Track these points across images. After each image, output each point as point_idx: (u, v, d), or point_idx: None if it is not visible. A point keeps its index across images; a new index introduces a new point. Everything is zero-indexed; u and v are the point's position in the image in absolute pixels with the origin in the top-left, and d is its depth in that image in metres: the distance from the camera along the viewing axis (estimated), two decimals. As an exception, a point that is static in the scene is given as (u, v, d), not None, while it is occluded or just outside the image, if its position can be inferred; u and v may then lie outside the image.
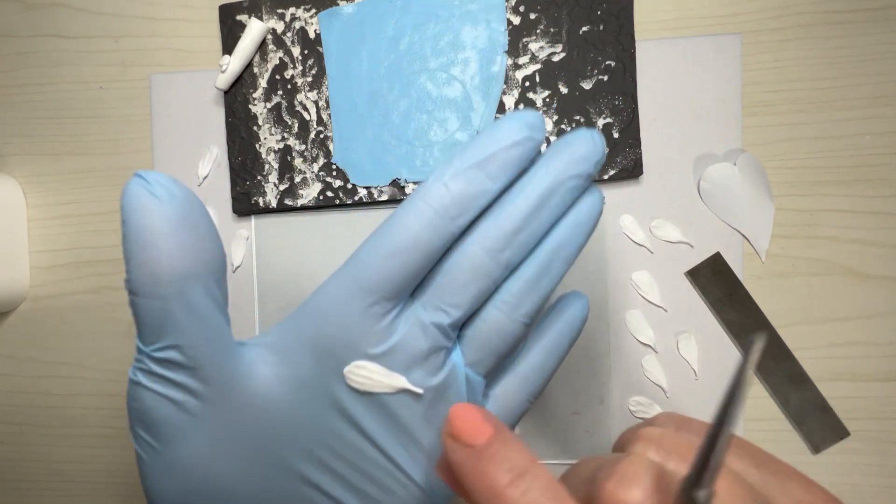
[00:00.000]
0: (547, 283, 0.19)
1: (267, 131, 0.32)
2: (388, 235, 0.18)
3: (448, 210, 0.18)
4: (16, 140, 0.34)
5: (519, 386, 0.21)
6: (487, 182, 0.18)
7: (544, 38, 0.30)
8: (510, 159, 0.18)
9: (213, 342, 0.18)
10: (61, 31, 0.34)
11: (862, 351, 0.29)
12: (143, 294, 0.18)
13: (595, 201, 0.20)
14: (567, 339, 0.22)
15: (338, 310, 0.18)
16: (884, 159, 0.28)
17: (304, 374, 0.19)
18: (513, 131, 0.18)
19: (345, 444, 0.19)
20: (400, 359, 0.18)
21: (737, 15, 0.29)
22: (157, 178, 0.18)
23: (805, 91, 0.29)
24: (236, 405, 0.18)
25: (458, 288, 0.19)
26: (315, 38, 0.31)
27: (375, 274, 0.18)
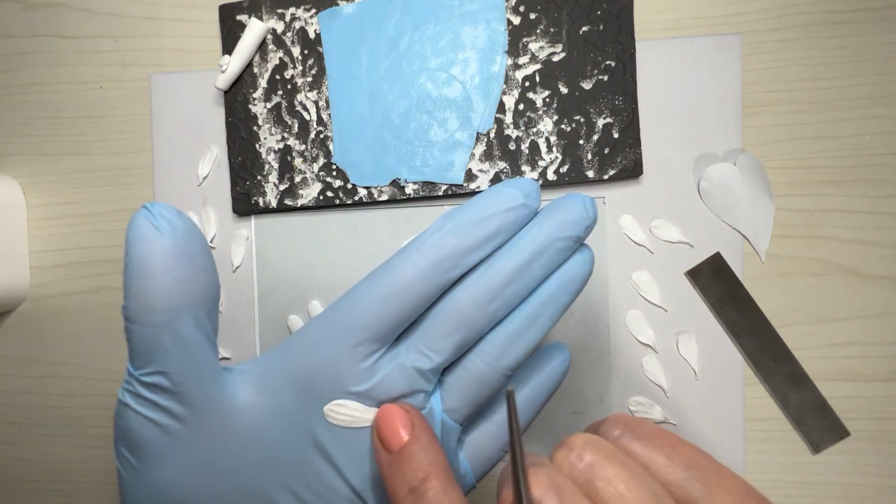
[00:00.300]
0: (531, 338, 0.20)
1: (267, 131, 0.32)
2: (382, 280, 0.19)
3: (442, 262, 0.19)
4: (16, 140, 0.34)
5: (494, 434, 0.21)
6: (482, 240, 0.19)
7: (544, 38, 0.30)
8: (505, 222, 0.20)
9: (198, 370, 0.19)
10: (61, 31, 0.34)
11: (862, 351, 0.29)
12: (136, 321, 0.18)
13: (585, 261, 0.21)
14: (546, 392, 0.22)
15: (325, 347, 0.19)
16: (884, 159, 0.28)
17: (285, 406, 0.19)
18: (510, 197, 0.20)
19: (316, 477, 0.19)
20: (379, 398, 0.19)
21: (737, 15, 0.29)
22: (161, 210, 0.19)
23: (805, 91, 0.29)
24: (217, 430, 0.19)
25: (443, 335, 0.19)
26: (315, 38, 0.31)
27: (365, 316, 0.19)
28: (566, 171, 0.29)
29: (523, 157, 0.30)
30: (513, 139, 0.30)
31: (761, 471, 0.29)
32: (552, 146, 0.29)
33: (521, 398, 0.22)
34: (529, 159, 0.30)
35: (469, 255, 0.19)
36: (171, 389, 0.19)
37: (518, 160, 0.30)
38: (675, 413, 0.29)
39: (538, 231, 0.20)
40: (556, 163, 0.29)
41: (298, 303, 0.32)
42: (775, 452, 0.29)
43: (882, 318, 0.29)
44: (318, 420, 0.19)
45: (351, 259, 0.31)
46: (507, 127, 0.30)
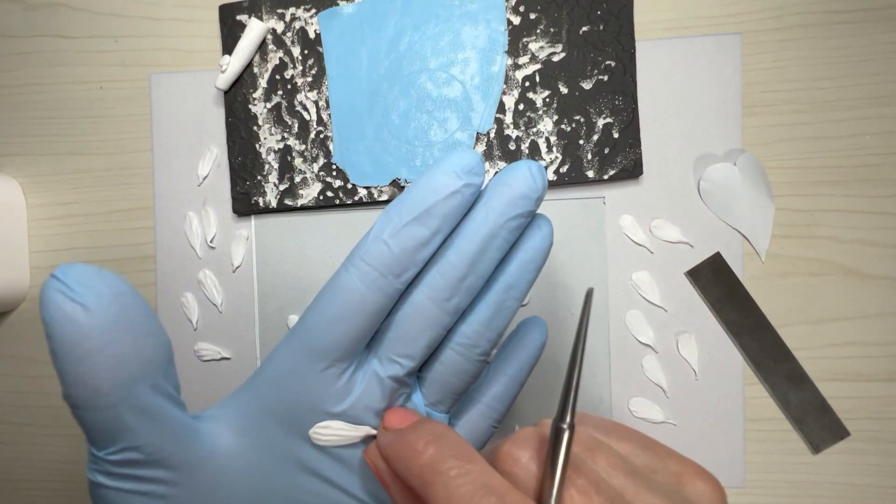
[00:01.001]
0: (501, 322, 0.20)
1: (267, 131, 0.32)
2: (335, 300, 0.18)
3: (392, 268, 0.18)
4: (16, 140, 0.34)
5: (484, 414, 0.21)
6: (429, 235, 0.18)
7: (544, 38, 0.30)
8: (449, 209, 0.18)
9: (170, 433, 0.18)
10: (61, 31, 0.34)
11: (862, 351, 0.29)
12: (85, 407, 0.17)
13: (543, 237, 0.20)
14: (528, 366, 0.22)
15: (293, 378, 0.19)
16: (884, 159, 0.28)
17: (269, 442, 0.19)
18: (449, 180, 0.18)
19: (319, 499, 0.19)
20: (361, 412, 0.19)
21: (737, 15, 0.29)
22: (76, 277, 0.16)
23: (805, 91, 0.29)
24: (207, 484, 0.18)
25: (410, 340, 0.19)
26: (315, 38, 0.31)
27: (326, 340, 0.18)
28: (566, 171, 0.29)
29: (523, 157, 0.30)
30: (513, 139, 0.30)
31: (761, 471, 0.29)
32: (552, 146, 0.29)
33: (505, 376, 0.22)
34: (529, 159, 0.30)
35: (418, 253, 0.18)
36: (146, 460, 0.18)
37: (518, 160, 0.30)
38: (675, 413, 0.29)
39: (486, 214, 0.19)
40: (556, 163, 0.29)
41: (298, 303, 0.32)
42: (775, 452, 0.29)
43: (882, 318, 0.29)
44: (304, 447, 0.19)
45: (351, 259, 0.31)
46: (507, 127, 0.30)
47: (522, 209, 0.19)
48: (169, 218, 0.33)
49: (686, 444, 0.29)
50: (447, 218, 0.18)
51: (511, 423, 0.30)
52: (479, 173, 0.18)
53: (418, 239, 0.18)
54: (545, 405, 0.30)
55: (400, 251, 0.18)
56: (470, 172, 0.18)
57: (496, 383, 0.21)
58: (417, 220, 0.18)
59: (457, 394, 0.20)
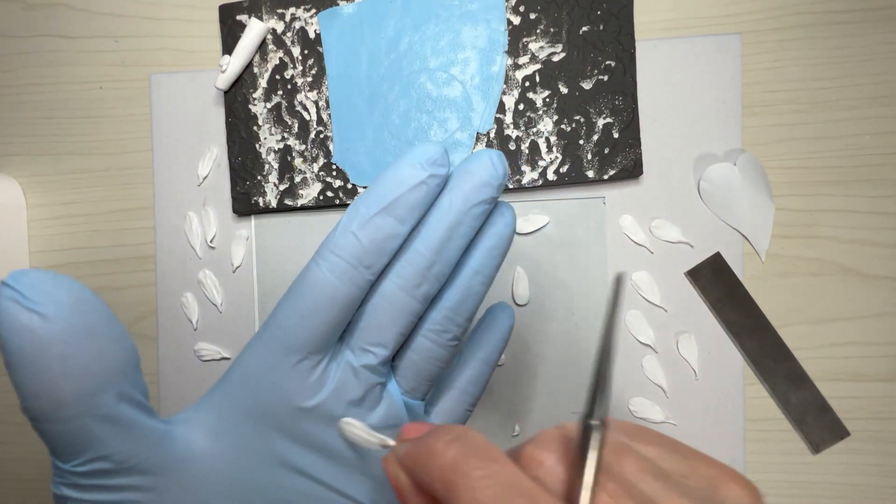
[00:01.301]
0: (469, 308, 0.20)
1: (267, 131, 0.32)
2: (306, 293, 0.18)
3: (361, 260, 0.18)
4: (16, 140, 0.34)
5: (458, 399, 0.22)
6: (396, 225, 0.18)
7: (544, 38, 0.30)
8: (416, 200, 0.18)
9: (141, 439, 0.17)
10: (61, 31, 0.34)
11: (862, 351, 0.29)
12: (47, 420, 0.16)
13: (507, 221, 0.20)
14: (497, 349, 0.23)
15: (266, 375, 0.19)
16: (884, 159, 0.28)
17: (245, 441, 0.19)
18: (415, 172, 0.18)
19: (300, 495, 0.19)
20: (337, 404, 0.19)
21: (737, 15, 0.29)
22: (31, 283, 0.15)
23: (805, 91, 0.29)
24: (184, 488, 0.18)
25: (382, 329, 0.19)
26: (315, 38, 0.31)
27: (298, 334, 0.18)
28: (566, 171, 0.29)
29: (523, 157, 0.30)
30: (513, 139, 0.30)
31: (761, 471, 0.29)
32: (552, 146, 0.29)
33: (477, 361, 0.22)
34: (529, 159, 0.30)
35: (387, 243, 0.18)
36: (117, 469, 0.17)
37: (518, 160, 0.30)
38: (675, 413, 0.29)
39: (450, 202, 0.19)
40: (556, 163, 0.29)
41: (298, 303, 0.32)
42: (775, 452, 0.29)
43: (882, 318, 0.29)
44: (281, 443, 0.19)
45: (351, 259, 0.31)
46: (507, 127, 0.30)
47: (485, 196, 0.19)
48: (169, 218, 0.33)
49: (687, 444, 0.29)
50: (413, 209, 0.19)
51: (510, 422, 0.30)
52: (443, 164, 0.19)
53: (386, 230, 0.18)
54: (547, 404, 0.30)
55: (369, 242, 0.18)
56: (435, 164, 0.19)
57: (468, 368, 0.22)
58: (385, 211, 0.18)
59: (431, 380, 0.21)
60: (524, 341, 0.30)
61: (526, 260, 0.30)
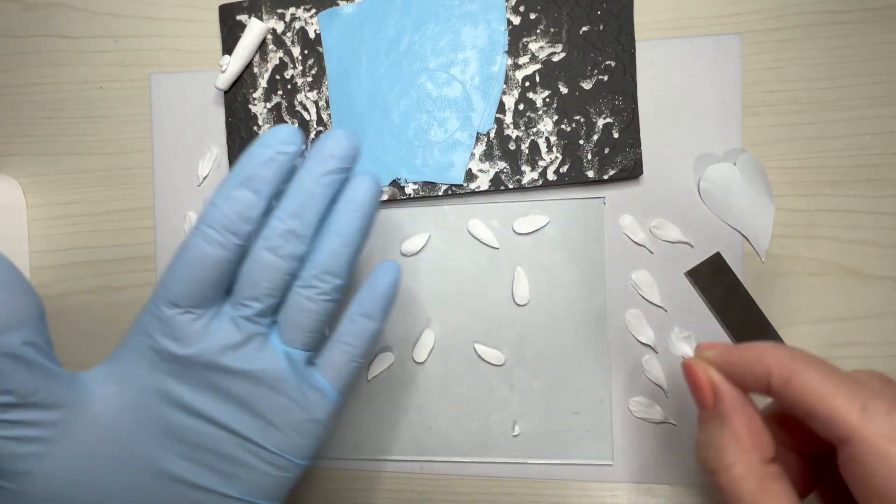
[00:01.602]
0: (336, 266, 0.23)
1: (267, 131, 0.32)
2: (182, 258, 0.22)
3: (226, 227, 0.21)
4: (16, 140, 0.34)
5: (341, 350, 0.24)
6: (253, 197, 0.22)
7: (544, 38, 0.30)
8: (268, 174, 0.22)
9: (45, 377, 0.21)
10: (61, 31, 0.34)
11: (862, 351, 0.29)
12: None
13: (364, 188, 0.23)
14: (380, 305, 0.24)
15: (157, 326, 0.22)
16: (884, 159, 0.28)
17: (141, 383, 0.22)
18: (264, 151, 0.22)
19: (195, 434, 0.22)
20: (218, 349, 0.22)
21: (737, 15, 0.29)
22: None
23: (805, 91, 0.29)
24: (86, 427, 0.21)
25: (252, 285, 0.22)
26: (315, 38, 0.31)
27: (178, 290, 0.22)
28: (566, 171, 0.29)
29: (523, 156, 0.30)
30: (513, 139, 0.30)
31: (761, 471, 0.29)
32: (552, 146, 0.29)
33: (358, 314, 0.24)
34: (529, 159, 0.30)
35: (249, 211, 0.22)
36: (20, 403, 0.20)
37: (518, 160, 0.30)
38: (675, 413, 0.29)
39: (302, 173, 0.22)
40: (556, 163, 0.29)
41: (298, 303, 0.32)
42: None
43: (882, 318, 0.29)
44: (176, 385, 0.22)
45: (351, 259, 0.31)
46: (507, 127, 0.30)
47: (333, 165, 0.22)
48: (169, 218, 0.33)
49: (686, 444, 0.29)
50: (267, 181, 0.22)
51: (510, 422, 0.30)
52: (291, 142, 0.22)
53: (244, 201, 0.22)
54: (547, 404, 0.30)
55: (230, 211, 0.21)
56: (283, 142, 0.22)
57: (350, 322, 0.24)
58: (241, 184, 0.22)
59: (308, 331, 0.23)
60: (524, 341, 0.30)
61: (526, 260, 0.30)
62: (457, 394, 0.31)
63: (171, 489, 0.22)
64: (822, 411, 0.17)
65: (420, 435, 0.31)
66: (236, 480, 0.23)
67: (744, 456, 0.19)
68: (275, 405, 0.23)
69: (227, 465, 0.22)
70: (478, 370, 0.30)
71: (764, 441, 0.19)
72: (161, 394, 0.22)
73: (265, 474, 0.23)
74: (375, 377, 0.31)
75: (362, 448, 0.31)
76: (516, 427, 0.30)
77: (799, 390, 0.18)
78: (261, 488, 0.23)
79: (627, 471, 0.29)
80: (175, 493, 0.22)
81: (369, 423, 0.31)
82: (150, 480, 0.22)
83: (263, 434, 0.23)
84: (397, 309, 0.31)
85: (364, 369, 0.31)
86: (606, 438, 0.29)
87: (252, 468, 0.23)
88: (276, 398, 0.23)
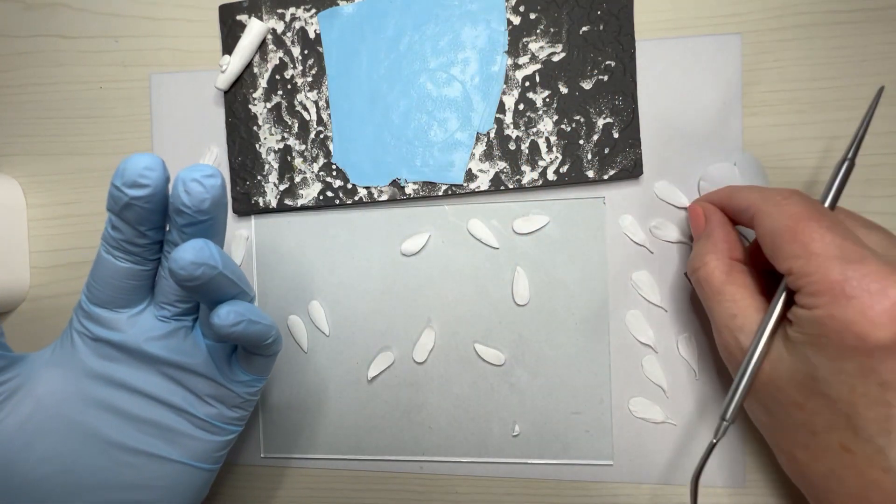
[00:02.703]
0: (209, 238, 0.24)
1: (267, 131, 0.32)
2: (97, 266, 0.24)
3: (118, 245, 0.23)
4: (16, 140, 0.34)
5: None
6: (132, 231, 0.23)
7: (544, 38, 0.30)
8: (132, 216, 0.23)
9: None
10: (61, 31, 0.34)
11: (862, 351, 0.29)
12: None
13: (186, 198, 0.23)
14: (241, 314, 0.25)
15: (86, 316, 0.25)
16: (884, 159, 0.28)
17: (80, 364, 0.25)
18: (120, 196, 0.22)
19: (133, 406, 0.25)
20: (145, 339, 0.24)
21: (737, 15, 0.29)
22: None
23: (805, 91, 0.29)
24: (28, 402, 0.24)
25: (165, 292, 0.25)
26: (315, 38, 0.31)
27: (99, 295, 0.24)
28: (566, 171, 0.29)
29: (523, 157, 0.30)
30: (513, 139, 0.30)
31: (761, 471, 0.29)
32: (552, 146, 0.29)
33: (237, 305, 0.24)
34: (529, 159, 0.30)
35: (136, 240, 0.23)
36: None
37: (518, 160, 0.30)
38: (675, 413, 0.29)
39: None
40: (556, 163, 0.29)
41: (298, 303, 0.32)
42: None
43: (882, 318, 0.28)
44: (110, 365, 0.25)
45: (351, 259, 0.31)
46: (507, 127, 0.30)
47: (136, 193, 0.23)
48: (169, 218, 0.33)
49: (686, 444, 0.29)
50: (136, 221, 0.23)
51: (510, 422, 0.30)
52: (142, 185, 0.22)
53: (127, 232, 0.23)
54: (547, 404, 0.30)
55: (116, 233, 0.23)
56: (133, 186, 0.22)
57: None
58: (118, 219, 0.23)
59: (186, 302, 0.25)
60: (524, 341, 0.30)
61: (526, 260, 0.30)
62: (457, 394, 0.31)
63: (115, 455, 0.24)
64: (741, 203, 0.24)
65: (420, 435, 0.31)
66: (175, 445, 0.25)
67: (718, 254, 0.25)
68: (201, 384, 0.25)
69: (165, 433, 0.25)
70: (478, 370, 0.30)
71: (734, 245, 0.25)
72: (98, 373, 0.24)
73: (200, 440, 0.26)
74: (375, 377, 0.31)
75: (362, 448, 0.31)
76: (516, 427, 0.30)
77: (738, 199, 0.25)
78: (198, 452, 0.26)
79: (627, 471, 0.29)
80: (118, 458, 0.24)
81: (369, 423, 0.31)
82: (93, 448, 0.24)
83: (195, 405, 0.25)
84: (397, 309, 0.31)
85: (364, 368, 0.31)
86: (606, 438, 0.29)
87: (188, 435, 0.25)
88: (200, 380, 0.25)
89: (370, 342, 0.31)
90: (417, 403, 0.31)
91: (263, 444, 0.32)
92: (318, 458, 0.32)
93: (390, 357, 0.31)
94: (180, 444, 0.25)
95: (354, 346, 0.31)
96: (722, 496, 0.29)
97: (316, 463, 0.32)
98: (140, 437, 0.25)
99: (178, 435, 0.25)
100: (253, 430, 0.32)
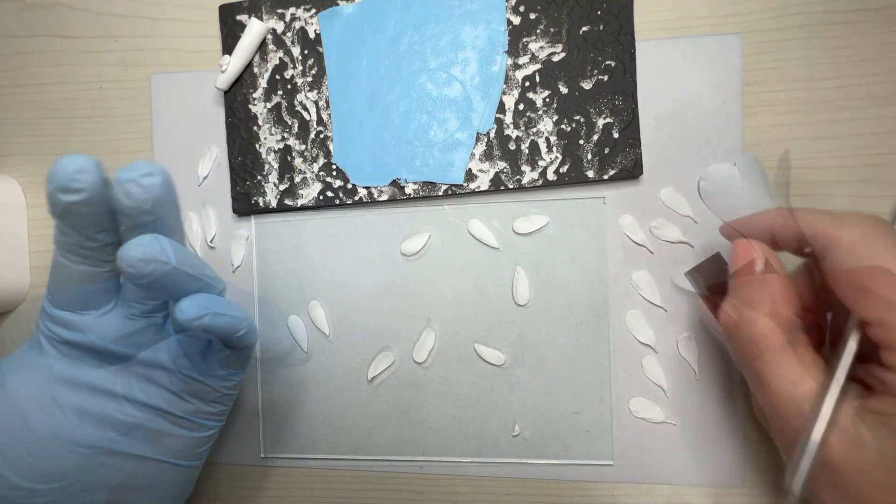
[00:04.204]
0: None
1: (267, 131, 0.32)
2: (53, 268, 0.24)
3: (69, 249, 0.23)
4: (16, 140, 0.34)
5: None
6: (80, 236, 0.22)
7: (544, 38, 0.30)
8: (74, 221, 0.22)
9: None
10: (62, 31, 0.34)
11: (862, 351, 0.29)
12: None
13: (131, 196, 0.22)
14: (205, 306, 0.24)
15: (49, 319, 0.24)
16: (884, 159, 0.28)
17: (48, 367, 0.24)
18: (55, 202, 0.21)
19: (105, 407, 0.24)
20: (111, 339, 0.24)
21: (737, 15, 0.29)
22: None
23: (805, 91, 0.29)
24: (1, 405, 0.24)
25: (133, 292, 0.24)
26: (315, 38, 0.31)
27: (60, 298, 0.24)
28: (566, 171, 0.29)
29: (523, 157, 0.30)
30: (513, 139, 0.30)
31: (761, 471, 0.29)
32: (552, 146, 0.29)
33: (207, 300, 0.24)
34: (529, 159, 0.30)
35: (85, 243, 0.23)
36: None
37: (518, 160, 0.30)
38: (675, 413, 0.29)
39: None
40: (556, 163, 0.29)
41: (298, 303, 0.32)
42: (776, 453, 0.29)
43: (882, 318, 0.28)
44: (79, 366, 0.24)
45: (351, 259, 0.31)
46: (507, 127, 0.30)
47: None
48: (169, 218, 0.33)
49: (686, 444, 0.29)
50: (79, 226, 0.22)
51: (510, 422, 0.30)
52: (74, 189, 0.21)
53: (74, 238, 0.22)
54: (547, 404, 0.30)
55: (65, 237, 0.22)
56: (65, 191, 0.21)
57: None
58: (61, 223, 0.22)
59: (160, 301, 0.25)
60: (524, 341, 0.30)
61: (526, 260, 0.30)
62: (457, 394, 0.31)
63: (93, 458, 0.24)
64: (807, 229, 0.21)
65: (420, 435, 0.31)
66: (154, 444, 0.25)
67: (776, 311, 0.21)
68: (175, 381, 0.25)
69: (143, 433, 0.25)
70: (478, 370, 0.30)
71: (792, 299, 0.22)
72: (67, 378, 0.24)
73: (179, 437, 0.25)
74: (375, 377, 0.31)
75: (362, 448, 0.31)
76: (516, 427, 0.30)
77: (803, 224, 0.22)
78: (179, 449, 0.26)
79: (627, 471, 0.29)
80: (96, 460, 0.24)
81: (369, 423, 0.31)
82: (67, 450, 0.23)
83: (172, 403, 0.25)
84: (397, 309, 0.31)
85: (364, 368, 0.31)
86: (606, 438, 0.29)
87: (166, 433, 0.25)
88: (174, 377, 0.25)
89: (370, 342, 0.31)
90: (417, 403, 0.31)
91: (263, 444, 0.32)
92: (318, 458, 0.32)
93: (390, 357, 0.31)
94: (159, 443, 0.25)
95: (354, 347, 0.31)
96: (722, 496, 0.29)
97: (316, 463, 0.32)
98: (117, 439, 0.24)
99: (156, 434, 0.25)
100: (253, 430, 0.32)
